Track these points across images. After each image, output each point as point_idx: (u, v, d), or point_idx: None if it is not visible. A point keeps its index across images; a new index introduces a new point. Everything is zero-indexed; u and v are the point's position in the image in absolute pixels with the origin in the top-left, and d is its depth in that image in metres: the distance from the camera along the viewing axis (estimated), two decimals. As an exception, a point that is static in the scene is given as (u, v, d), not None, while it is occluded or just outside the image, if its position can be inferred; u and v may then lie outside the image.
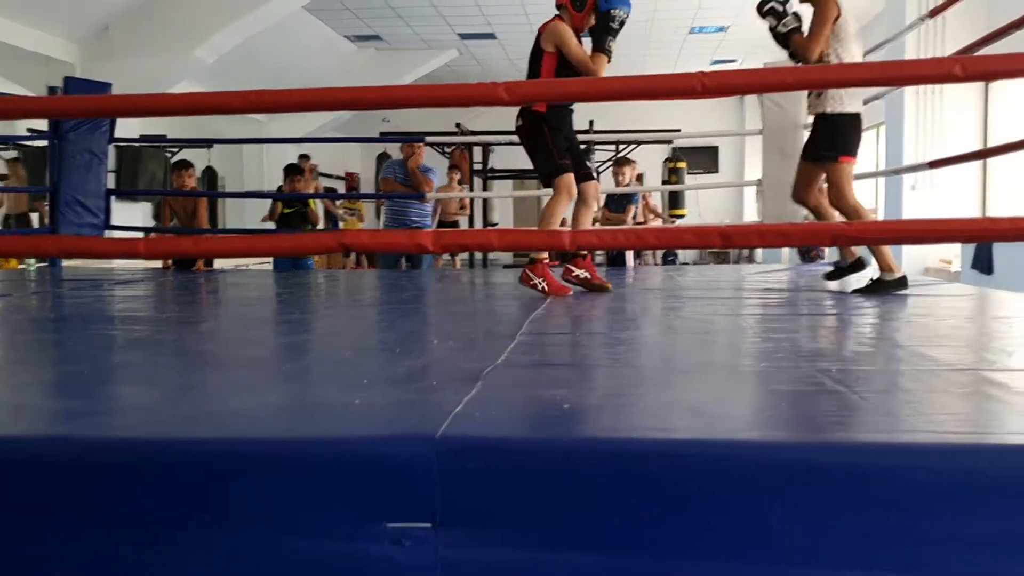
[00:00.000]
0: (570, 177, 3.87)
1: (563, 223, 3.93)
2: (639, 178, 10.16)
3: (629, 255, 7.81)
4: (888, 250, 3.66)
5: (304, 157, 11.47)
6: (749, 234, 1.62)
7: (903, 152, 8.55)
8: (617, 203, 8.21)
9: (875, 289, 3.74)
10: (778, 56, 4.88)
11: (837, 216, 3.85)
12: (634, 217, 8.13)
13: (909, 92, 8.33)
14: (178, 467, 1.29)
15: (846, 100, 3.68)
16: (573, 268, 3.95)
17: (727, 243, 1.52)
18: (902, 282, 3.75)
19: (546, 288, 3.80)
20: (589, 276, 3.95)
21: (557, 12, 4.09)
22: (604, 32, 3.98)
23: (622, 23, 4.00)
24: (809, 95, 3.97)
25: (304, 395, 1.73)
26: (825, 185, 3.95)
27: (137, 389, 1.85)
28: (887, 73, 1.69)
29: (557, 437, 1.34)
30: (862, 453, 1.29)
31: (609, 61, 3.91)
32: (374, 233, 1.74)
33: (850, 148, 3.81)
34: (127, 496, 1.28)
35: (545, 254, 3.92)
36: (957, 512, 1.21)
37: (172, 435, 1.39)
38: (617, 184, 8.02)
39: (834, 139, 3.77)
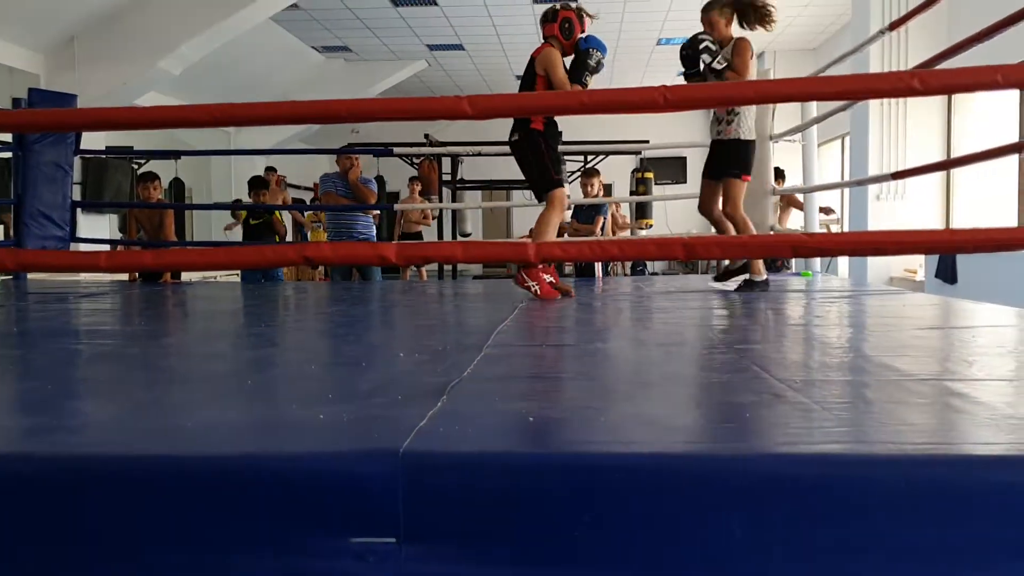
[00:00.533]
0: (563, 191, 4.31)
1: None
2: (607, 189, 10.22)
3: (598, 265, 7.86)
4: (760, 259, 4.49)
5: (271, 170, 11.41)
6: (711, 245, 1.63)
7: (868, 163, 8.67)
8: (586, 214, 8.26)
9: (747, 289, 4.61)
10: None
11: (731, 228, 4.60)
12: (602, 228, 8.15)
13: (873, 104, 8.46)
14: (137, 484, 1.28)
15: (752, 129, 4.58)
16: (527, 277, 4.20)
17: (690, 255, 1.53)
18: (766, 284, 4.66)
19: (538, 291, 4.12)
20: (539, 288, 4.19)
21: (545, 39, 4.50)
22: (581, 68, 4.33)
23: (599, 63, 4.35)
24: (720, 123, 4.64)
25: (267, 410, 1.71)
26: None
27: (98, 404, 1.83)
28: (848, 87, 1.71)
29: (520, 452, 1.34)
30: (824, 464, 1.30)
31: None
32: (337, 245, 1.73)
33: (749, 168, 4.61)
34: (86, 514, 1.26)
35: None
36: (919, 523, 1.22)
37: (130, 452, 1.38)
38: (585, 195, 8.07)
39: (741, 160, 4.56)
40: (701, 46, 4.42)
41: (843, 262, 9.64)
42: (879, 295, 4.44)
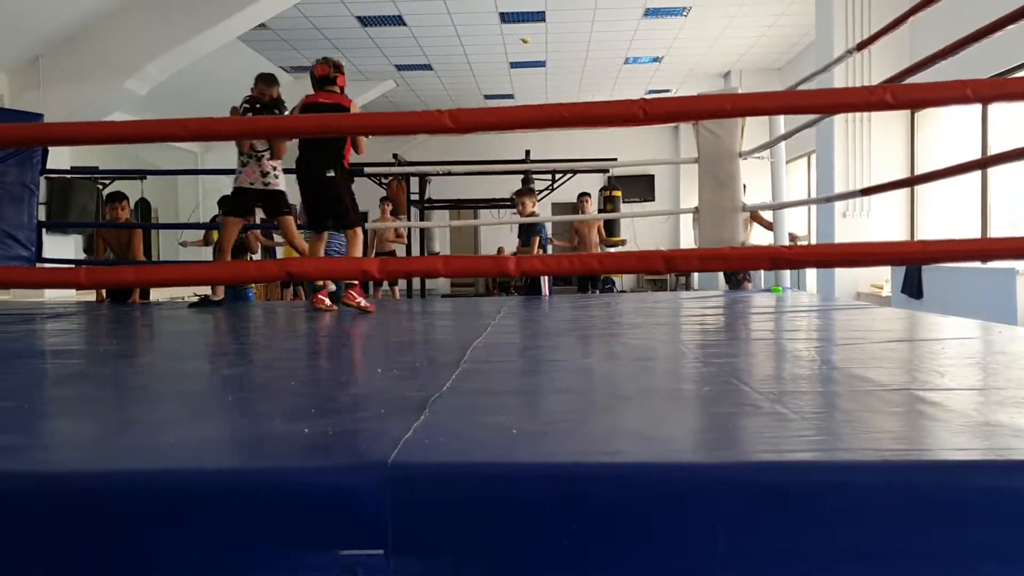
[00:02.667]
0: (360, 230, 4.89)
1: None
2: (574, 208, 10.28)
3: (545, 283, 7.84)
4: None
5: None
6: (690, 258, 1.65)
7: (834, 180, 8.79)
8: (525, 234, 8.24)
9: (200, 304, 5.24)
10: (713, 85, 5.07)
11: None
12: (542, 247, 8.11)
13: (838, 121, 8.59)
14: (121, 500, 1.27)
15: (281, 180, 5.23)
16: (355, 294, 4.68)
17: (670, 267, 1.55)
18: (222, 303, 5.30)
19: (363, 305, 4.65)
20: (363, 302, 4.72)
21: (330, 88, 4.99)
22: None
23: None
24: (265, 176, 5.20)
25: (250, 426, 1.71)
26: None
27: (75, 423, 1.81)
28: (821, 101, 1.75)
29: (507, 462, 1.34)
30: (805, 471, 1.32)
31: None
32: (319, 260, 1.73)
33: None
34: (67, 532, 1.25)
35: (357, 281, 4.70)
36: (899, 526, 1.25)
37: (112, 468, 1.37)
38: (522, 215, 8.01)
39: (286, 204, 5.27)
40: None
41: (811, 278, 9.76)
42: (848, 309, 4.50)
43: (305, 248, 5.48)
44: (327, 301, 4.88)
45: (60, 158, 8.46)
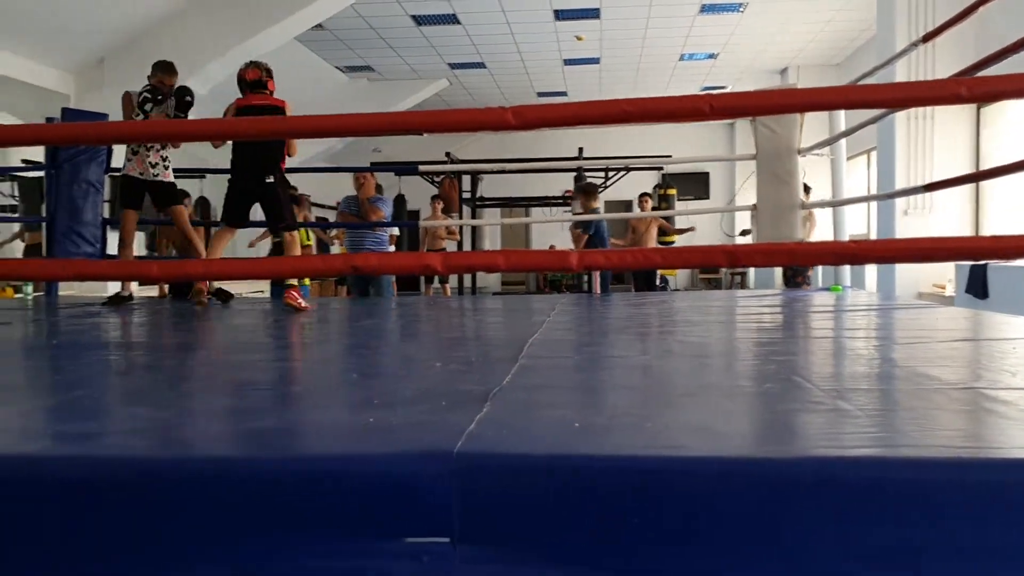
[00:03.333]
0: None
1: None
2: (627, 205, 10.25)
3: (596, 281, 7.84)
4: None
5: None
6: (754, 253, 1.64)
7: (895, 177, 8.63)
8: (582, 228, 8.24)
9: (113, 303, 5.10)
10: (769, 82, 5.04)
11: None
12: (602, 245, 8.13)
13: (900, 117, 8.43)
14: (195, 486, 1.30)
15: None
16: (296, 296, 4.72)
17: (732, 262, 1.54)
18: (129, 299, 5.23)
19: (302, 304, 4.66)
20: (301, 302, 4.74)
21: (267, 91, 5.10)
22: None
23: None
24: (155, 167, 5.35)
25: (316, 416, 1.73)
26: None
27: (145, 412, 1.85)
28: (895, 95, 1.71)
29: (572, 454, 1.35)
30: (873, 467, 1.30)
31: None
32: (384, 255, 1.75)
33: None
34: (144, 515, 1.28)
35: (295, 281, 4.93)
36: (963, 524, 1.22)
37: (189, 454, 1.40)
38: (584, 211, 8.01)
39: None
40: None
41: (871, 277, 9.59)
42: (911, 308, 4.42)
43: (197, 241, 5.58)
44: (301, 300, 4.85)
45: (124, 157, 8.63)
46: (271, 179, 4.90)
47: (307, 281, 8.02)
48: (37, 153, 8.81)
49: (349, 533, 1.25)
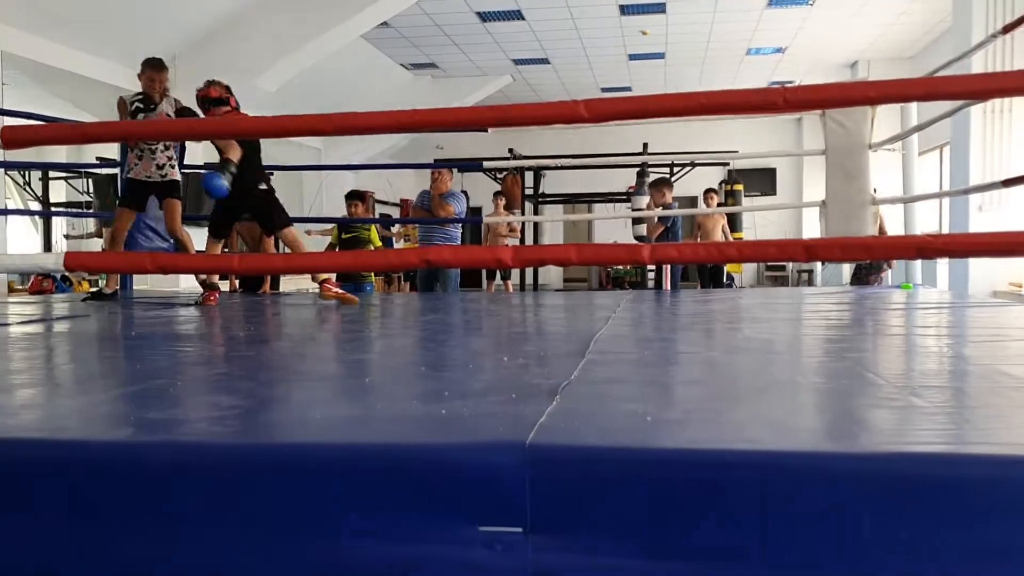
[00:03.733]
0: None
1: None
2: (691, 202, 10.18)
3: (667, 277, 7.84)
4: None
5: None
6: (832, 247, 1.62)
7: (969, 172, 8.41)
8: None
9: (95, 297, 5.42)
10: (839, 76, 4.98)
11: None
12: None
13: (976, 112, 8.21)
14: (270, 472, 1.33)
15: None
16: (331, 288, 4.93)
17: (811, 255, 1.52)
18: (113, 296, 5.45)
19: (340, 293, 4.85)
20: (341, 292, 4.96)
21: (228, 109, 5.28)
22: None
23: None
24: (162, 167, 5.49)
25: (388, 405, 1.76)
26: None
27: (225, 400, 1.90)
28: (975, 86, 1.67)
29: (646, 447, 1.35)
30: (951, 465, 1.28)
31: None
32: (456, 248, 1.76)
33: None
34: (221, 499, 1.32)
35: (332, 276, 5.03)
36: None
37: (265, 441, 1.44)
38: (656, 206, 8.03)
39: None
40: None
41: (942, 275, 9.37)
42: (986, 307, 4.31)
43: (185, 237, 5.70)
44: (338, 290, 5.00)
45: (194, 154, 8.84)
46: (264, 186, 5.17)
47: (372, 278, 8.11)
48: (111, 151, 9.06)
49: (424, 521, 1.27)
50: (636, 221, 9.39)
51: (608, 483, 1.27)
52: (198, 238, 5.72)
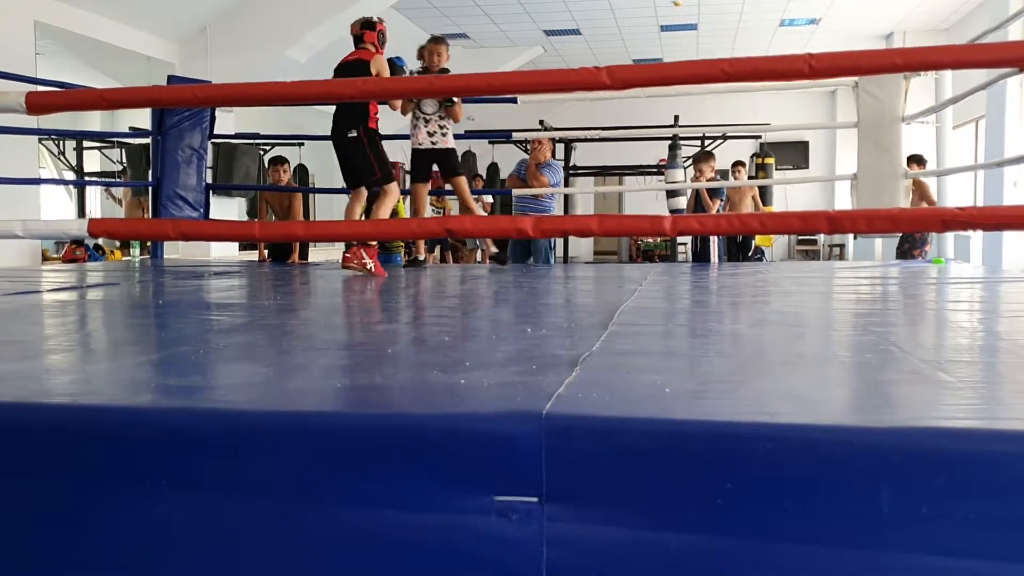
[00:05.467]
0: (395, 185, 4.99)
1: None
2: (722, 175, 10.10)
3: (713, 251, 7.77)
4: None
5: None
6: (856, 219, 1.59)
7: (1004, 147, 8.26)
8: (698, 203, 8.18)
9: (412, 264, 5.29)
10: (874, 46, 4.90)
11: None
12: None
13: (1012, 84, 8.05)
14: (288, 440, 1.34)
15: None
16: (362, 255, 4.73)
17: (834, 228, 1.50)
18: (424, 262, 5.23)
19: (373, 269, 4.67)
20: (372, 266, 4.76)
21: (363, 45, 5.26)
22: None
23: (410, 73, 5.26)
24: (432, 135, 5.32)
25: (409, 375, 1.77)
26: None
27: (247, 367, 1.91)
28: (1006, 54, 1.63)
29: (663, 418, 1.34)
30: (974, 440, 1.26)
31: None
32: (477, 218, 1.76)
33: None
34: (240, 465, 1.33)
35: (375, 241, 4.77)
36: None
37: (282, 408, 1.45)
38: (695, 180, 7.97)
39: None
40: None
41: (975, 251, 9.24)
42: (1018, 282, 4.25)
43: (477, 210, 5.61)
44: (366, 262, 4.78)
45: (224, 124, 8.89)
46: (354, 134, 4.94)
47: (400, 245, 8.12)
48: (143, 120, 9.12)
49: (440, 489, 1.27)
50: (671, 194, 9.32)
51: (624, 454, 1.27)
52: (223, 208, 5.73)
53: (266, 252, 7.29)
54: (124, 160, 12.38)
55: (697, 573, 1.24)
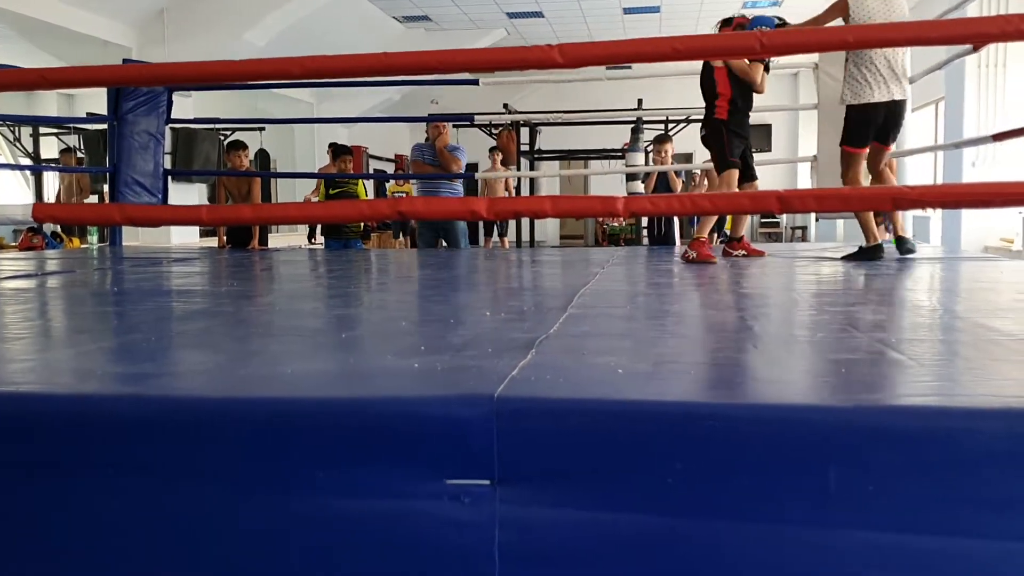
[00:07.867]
0: (735, 173, 4.53)
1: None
2: (688, 158, 10.12)
3: (676, 233, 7.76)
4: (871, 222, 4.40)
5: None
6: (806, 198, 1.60)
7: (963, 128, 8.36)
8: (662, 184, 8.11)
9: (858, 256, 4.31)
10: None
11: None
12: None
13: (970, 65, 8.14)
14: (238, 426, 1.32)
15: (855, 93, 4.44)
16: (731, 251, 4.76)
17: (785, 207, 1.50)
18: (879, 249, 4.34)
19: (695, 257, 4.30)
20: (746, 253, 4.75)
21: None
22: None
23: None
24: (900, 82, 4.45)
25: (362, 360, 1.75)
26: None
27: (200, 355, 1.89)
28: (956, 31, 1.63)
29: (613, 399, 1.34)
30: (924, 417, 1.27)
31: (767, 71, 4.73)
32: (429, 200, 1.74)
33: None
34: (189, 452, 1.31)
35: (705, 235, 4.47)
36: (1018, 475, 1.19)
37: (232, 395, 1.43)
38: (655, 163, 7.90)
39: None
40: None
41: (935, 231, 9.35)
42: (975, 261, 4.31)
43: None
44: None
45: (184, 109, 8.76)
46: (704, 132, 4.81)
47: (359, 235, 8.02)
48: (100, 106, 8.97)
49: (390, 474, 1.26)
50: (631, 178, 9.31)
51: (576, 435, 1.26)
52: (183, 194, 5.63)
53: (226, 238, 7.21)
54: (82, 146, 12.18)
55: (648, 553, 1.24)
